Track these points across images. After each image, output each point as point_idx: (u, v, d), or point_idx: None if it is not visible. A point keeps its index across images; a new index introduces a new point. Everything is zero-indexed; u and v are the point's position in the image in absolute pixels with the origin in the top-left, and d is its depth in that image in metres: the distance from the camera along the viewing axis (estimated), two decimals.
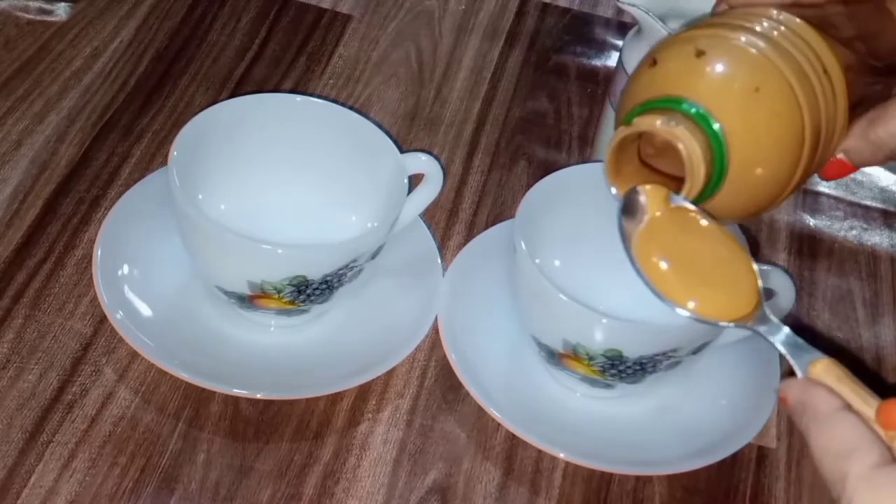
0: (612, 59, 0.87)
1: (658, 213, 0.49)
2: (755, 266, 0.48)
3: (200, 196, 0.63)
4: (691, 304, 0.47)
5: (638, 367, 0.59)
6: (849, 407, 0.42)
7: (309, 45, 0.83)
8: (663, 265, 0.48)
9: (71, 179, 0.70)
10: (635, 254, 0.49)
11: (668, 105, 0.48)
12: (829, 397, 0.43)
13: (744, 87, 0.47)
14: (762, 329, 0.46)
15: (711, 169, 0.47)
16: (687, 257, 0.48)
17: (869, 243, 0.77)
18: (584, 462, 0.59)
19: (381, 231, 0.60)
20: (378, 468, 0.59)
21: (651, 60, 0.50)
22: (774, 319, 0.46)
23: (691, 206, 0.49)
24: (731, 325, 0.47)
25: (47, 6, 0.82)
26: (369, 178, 0.64)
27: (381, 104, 0.80)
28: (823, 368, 0.43)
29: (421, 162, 0.63)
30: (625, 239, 0.49)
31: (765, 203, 0.50)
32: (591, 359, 0.59)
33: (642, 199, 0.49)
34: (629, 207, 0.49)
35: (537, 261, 0.60)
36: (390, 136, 0.64)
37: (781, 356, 0.66)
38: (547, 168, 0.71)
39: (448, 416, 0.62)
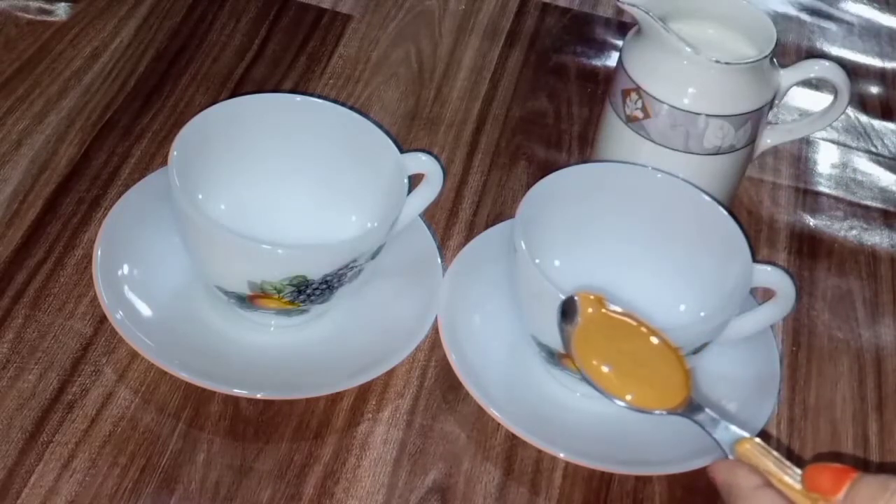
0: (612, 59, 0.87)
1: (591, 318, 0.54)
2: (683, 359, 0.53)
3: (200, 196, 0.63)
4: (628, 398, 0.52)
5: None
6: (769, 484, 0.46)
7: (309, 45, 0.83)
8: (600, 364, 0.53)
9: (71, 179, 0.70)
10: (575, 352, 0.53)
11: None
12: (751, 476, 0.46)
13: None
14: (691, 416, 0.50)
15: None
16: (621, 356, 0.53)
17: (869, 243, 0.77)
18: (584, 462, 0.59)
19: (381, 231, 0.60)
20: (378, 468, 0.59)
21: None
22: (701, 406, 0.50)
23: (620, 310, 0.54)
24: (664, 412, 0.51)
25: (47, 6, 0.82)
26: (369, 178, 0.64)
27: (381, 104, 0.80)
28: (748, 446, 0.47)
29: (421, 162, 0.63)
30: (565, 340, 0.54)
31: None
32: None
33: (577, 302, 0.54)
34: (566, 312, 0.54)
35: (537, 261, 0.60)
36: (390, 136, 0.64)
37: (781, 356, 0.67)
38: (547, 168, 0.71)
39: (448, 416, 0.62)
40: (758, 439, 0.48)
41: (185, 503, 0.56)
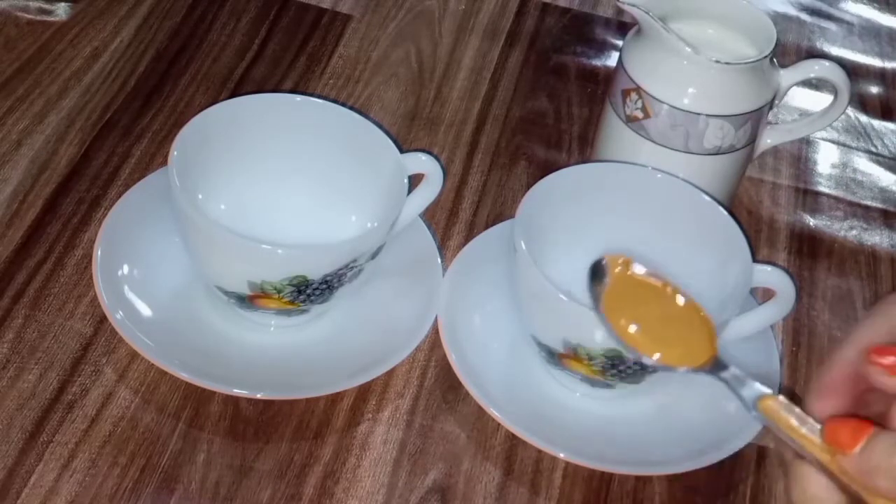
0: (612, 59, 0.87)
1: (619, 278, 0.54)
2: (709, 318, 0.53)
3: (200, 196, 0.63)
4: (656, 356, 0.52)
5: (638, 368, 0.59)
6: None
7: (309, 45, 0.83)
8: (629, 324, 0.53)
9: (71, 179, 0.70)
10: (605, 313, 0.53)
11: None
12: None
13: None
14: (716, 373, 0.50)
15: None
16: (648, 316, 0.53)
17: (869, 243, 0.77)
18: (584, 462, 0.59)
19: (381, 231, 0.60)
20: (378, 468, 0.59)
21: None
22: (726, 364, 0.50)
23: (646, 270, 0.55)
24: (691, 370, 0.51)
25: (47, 6, 0.82)
26: (369, 178, 0.64)
27: (381, 104, 0.80)
28: (770, 402, 0.47)
29: (421, 162, 0.63)
30: (594, 300, 0.53)
31: None
32: (591, 359, 0.59)
33: (605, 264, 0.55)
34: (595, 273, 0.54)
35: (537, 261, 0.60)
36: (390, 136, 0.64)
37: (781, 356, 0.66)
38: (547, 168, 0.71)
39: (448, 416, 0.62)
40: (781, 396, 0.47)
41: (185, 503, 0.56)
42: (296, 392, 0.60)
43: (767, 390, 0.48)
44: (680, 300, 0.54)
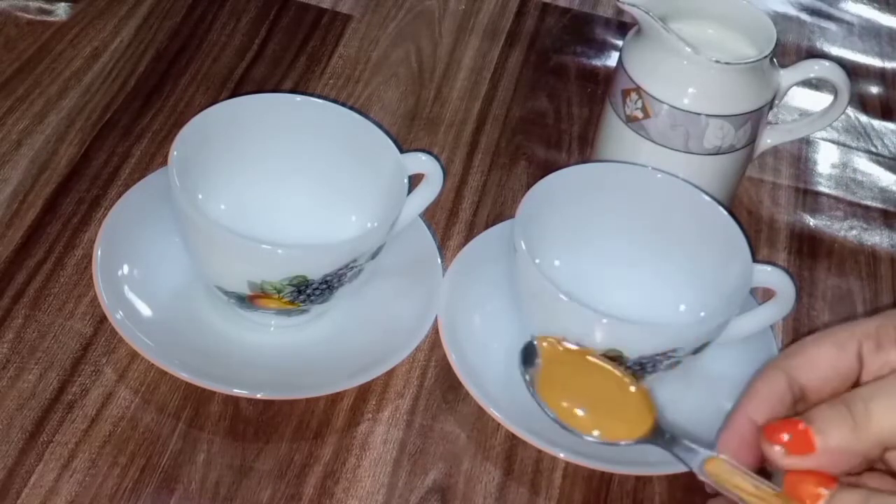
0: (612, 59, 0.87)
1: (551, 357, 0.56)
2: (645, 390, 0.54)
3: (200, 196, 0.63)
4: (595, 433, 0.54)
5: (638, 367, 0.59)
6: None
7: (309, 45, 0.83)
8: (565, 403, 0.54)
9: (71, 179, 0.70)
10: (540, 394, 0.55)
11: None
12: None
13: None
14: (657, 442, 0.52)
15: None
16: (585, 394, 0.55)
17: (869, 243, 0.77)
18: (584, 462, 0.59)
19: (381, 231, 0.60)
20: (378, 468, 0.59)
21: None
22: (664, 431, 0.52)
23: (576, 348, 0.56)
24: (631, 442, 0.53)
25: (47, 6, 0.82)
26: (369, 178, 0.64)
27: (381, 104, 0.80)
28: (716, 463, 0.48)
29: (421, 162, 0.63)
30: (528, 384, 0.55)
31: None
32: None
33: (535, 345, 0.57)
34: (527, 355, 0.56)
35: (537, 261, 0.60)
36: (390, 136, 0.64)
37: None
38: (547, 168, 0.71)
39: (448, 416, 0.62)
40: (724, 456, 0.48)
41: (185, 503, 0.56)
42: (296, 392, 0.60)
43: (711, 453, 0.48)
44: (614, 371, 0.55)
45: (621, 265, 0.66)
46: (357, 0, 0.88)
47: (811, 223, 0.78)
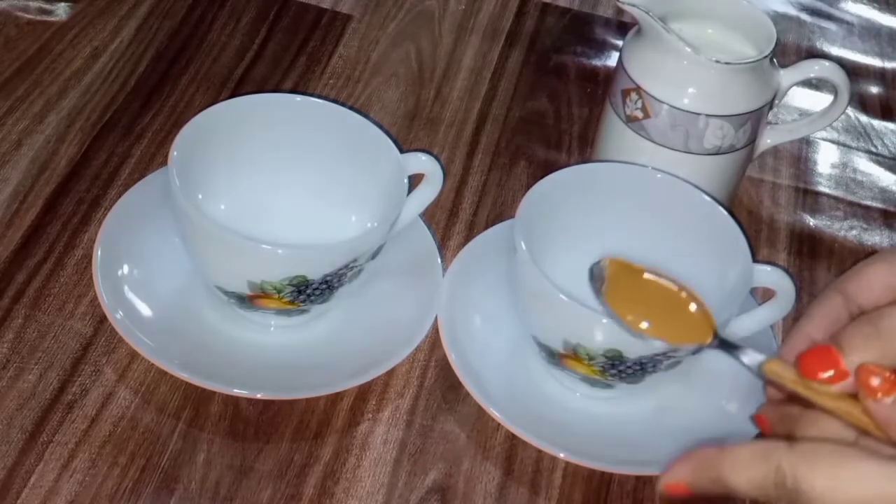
0: (612, 59, 0.87)
1: (617, 276, 0.56)
2: (707, 310, 0.55)
3: (200, 196, 0.63)
4: (663, 339, 0.54)
5: (638, 367, 0.59)
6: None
7: (309, 45, 0.83)
8: (632, 317, 0.55)
9: (71, 179, 0.70)
10: (610, 309, 0.55)
11: None
12: None
13: None
14: (720, 347, 0.53)
15: None
16: (649, 307, 0.55)
17: (869, 243, 0.77)
18: (584, 462, 0.59)
19: (381, 231, 0.60)
20: (378, 468, 0.59)
21: None
22: (728, 339, 0.53)
23: (641, 266, 0.56)
24: (697, 347, 0.54)
25: (47, 6, 0.82)
26: (369, 178, 0.64)
27: (381, 104, 0.80)
28: (775, 364, 0.48)
29: (421, 162, 0.63)
30: (597, 294, 0.55)
31: None
32: (591, 359, 0.59)
33: (602, 265, 0.57)
34: (594, 274, 0.56)
35: (537, 261, 0.60)
36: (390, 136, 0.64)
37: None
38: (547, 168, 0.71)
39: (448, 416, 0.62)
40: (779, 358, 0.49)
41: (185, 503, 0.56)
42: (296, 392, 0.60)
43: (770, 356, 0.49)
44: (673, 287, 0.55)
45: None
46: (357, 0, 0.88)
47: (811, 223, 0.78)
